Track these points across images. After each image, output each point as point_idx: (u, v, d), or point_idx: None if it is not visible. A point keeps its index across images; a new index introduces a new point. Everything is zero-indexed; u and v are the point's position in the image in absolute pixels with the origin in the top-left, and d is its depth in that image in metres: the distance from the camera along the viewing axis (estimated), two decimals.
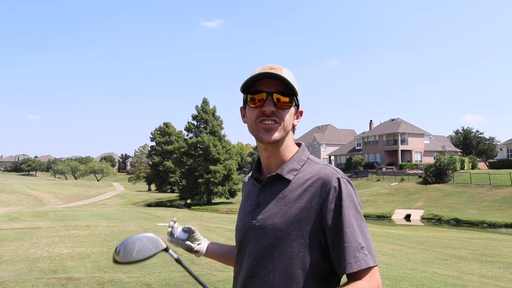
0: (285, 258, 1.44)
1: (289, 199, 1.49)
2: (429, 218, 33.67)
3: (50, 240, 13.12)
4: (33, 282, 7.25)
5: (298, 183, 1.51)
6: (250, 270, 1.50)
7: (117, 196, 65.55)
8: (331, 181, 1.46)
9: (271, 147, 1.56)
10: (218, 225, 21.03)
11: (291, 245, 1.44)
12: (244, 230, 1.57)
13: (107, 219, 23.17)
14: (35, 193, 60.50)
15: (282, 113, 1.52)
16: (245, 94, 1.59)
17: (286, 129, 1.54)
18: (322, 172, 1.50)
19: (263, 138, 1.52)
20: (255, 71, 1.55)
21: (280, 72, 1.50)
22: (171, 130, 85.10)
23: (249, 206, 1.61)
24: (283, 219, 1.46)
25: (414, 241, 15.77)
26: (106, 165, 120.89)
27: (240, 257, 1.59)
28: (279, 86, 1.52)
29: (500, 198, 35.15)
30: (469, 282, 7.91)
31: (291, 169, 1.55)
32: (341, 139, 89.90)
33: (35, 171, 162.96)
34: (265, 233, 1.48)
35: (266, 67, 1.54)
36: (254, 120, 1.53)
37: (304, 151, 1.62)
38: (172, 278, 7.56)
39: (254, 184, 1.67)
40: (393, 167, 64.91)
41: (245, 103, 1.61)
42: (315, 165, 1.55)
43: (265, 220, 1.50)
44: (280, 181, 1.54)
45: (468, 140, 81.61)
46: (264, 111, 1.50)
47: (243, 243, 1.57)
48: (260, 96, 1.52)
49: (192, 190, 53.71)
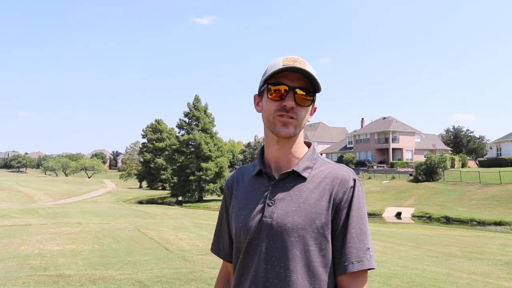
0: (307, 257, 1.40)
1: (307, 196, 1.46)
2: (420, 216, 33.85)
3: (41, 237, 13.05)
4: (24, 279, 7.22)
5: (314, 181, 1.49)
6: (267, 271, 1.43)
7: (108, 193, 65.19)
8: (349, 181, 1.47)
9: (284, 141, 1.52)
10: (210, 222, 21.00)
11: (313, 243, 1.41)
12: (255, 229, 1.48)
13: (98, 216, 23.07)
14: (26, 190, 60.03)
15: (301, 109, 1.48)
16: (264, 84, 1.53)
17: (301, 126, 1.51)
18: (339, 172, 1.49)
19: (279, 132, 1.47)
20: (276, 62, 1.49)
21: (304, 66, 1.45)
22: (162, 127, 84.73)
23: (258, 203, 1.52)
24: (304, 217, 1.42)
25: (405, 238, 15.87)
26: (97, 162, 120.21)
27: (248, 257, 1.49)
28: (302, 81, 1.47)
29: (490, 196, 35.43)
30: (459, 279, 7.99)
31: (306, 167, 1.52)
32: (333, 137, 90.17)
33: (25, 168, 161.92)
34: (284, 232, 1.42)
35: (289, 59, 1.47)
36: (273, 113, 1.48)
37: (315, 150, 1.60)
38: (164, 275, 7.55)
39: (257, 179, 1.59)
40: (384, 165, 65.29)
41: (261, 92, 1.55)
42: (328, 164, 1.55)
43: (282, 219, 1.44)
44: (295, 178, 1.51)
45: (458, 139, 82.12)
46: (284, 105, 1.45)
47: (254, 242, 1.47)
48: (280, 90, 1.47)
49: (183, 187, 53.54)
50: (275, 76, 1.48)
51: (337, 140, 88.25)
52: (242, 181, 1.66)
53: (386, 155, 69.75)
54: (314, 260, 1.40)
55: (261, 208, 1.49)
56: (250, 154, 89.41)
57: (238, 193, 1.63)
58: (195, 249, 11.12)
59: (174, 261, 9.28)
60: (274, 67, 1.47)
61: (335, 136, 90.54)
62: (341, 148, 79.90)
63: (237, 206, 1.59)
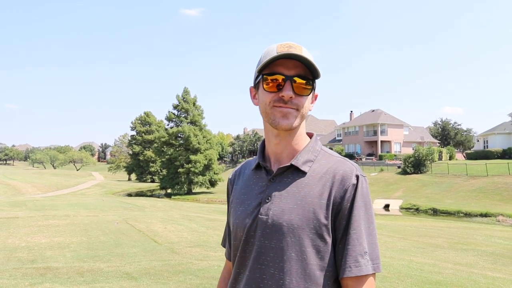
0: (303, 259, 1.29)
1: (306, 193, 1.34)
2: (408, 207, 34.15)
3: (29, 230, 12.98)
4: (10, 272, 7.18)
5: (314, 176, 1.37)
6: (261, 271, 1.34)
7: (97, 186, 64.91)
8: (351, 178, 1.34)
9: (285, 134, 1.40)
10: (199, 214, 21.04)
11: (309, 244, 1.30)
12: (250, 226, 1.38)
13: (86, 208, 22.98)
14: (13, 183, 59.56)
15: (300, 99, 1.35)
16: (259, 74, 1.40)
17: (303, 116, 1.39)
18: (341, 167, 1.37)
19: (279, 124, 1.35)
20: (270, 49, 1.37)
21: (300, 52, 1.32)
22: (151, 119, 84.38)
23: (255, 199, 1.42)
24: (301, 215, 1.31)
25: (393, 230, 16.02)
26: (86, 155, 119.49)
27: (244, 255, 1.40)
28: (299, 69, 1.34)
29: (476, 188, 35.81)
30: (445, 269, 8.09)
31: (306, 160, 1.40)
32: (322, 129, 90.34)
33: (12, 161, 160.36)
34: (279, 230, 1.32)
35: (284, 45, 1.35)
36: (269, 104, 1.36)
37: (317, 141, 1.48)
38: (152, 267, 7.56)
39: (256, 174, 1.49)
40: (372, 158, 65.61)
41: (257, 83, 1.43)
42: (331, 157, 1.43)
43: (278, 216, 1.33)
44: (294, 172, 1.39)
45: (446, 132, 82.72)
46: (282, 96, 1.33)
47: (250, 240, 1.38)
48: (276, 79, 1.35)
49: (172, 180, 53.48)
50: (270, 65, 1.35)
51: (326, 132, 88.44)
52: (243, 175, 1.56)
53: (374, 147, 70.11)
54: (311, 263, 1.29)
55: (258, 205, 1.40)
56: (240, 146, 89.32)
57: (237, 187, 1.55)
58: (183, 241, 11.14)
59: (163, 253, 9.29)
60: (268, 55, 1.35)
61: (324, 129, 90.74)
62: (330, 140, 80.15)
63: (235, 201, 1.51)
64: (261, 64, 1.35)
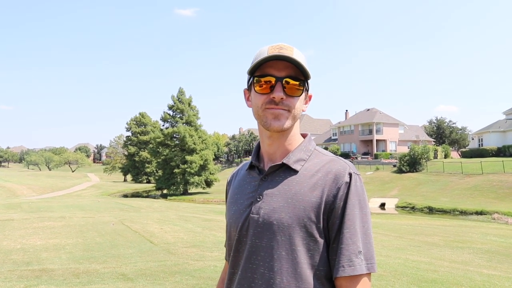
0: (294, 258, 1.28)
1: (296, 191, 1.33)
2: (403, 206, 34.25)
3: (24, 231, 12.93)
4: (6, 274, 7.15)
5: (306, 174, 1.36)
6: (253, 271, 1.33)
7: (93, 187, 64.73)
8: (343, 176, 1.33)
9: (277, 135, 1.40)
10: (195, 215, 21.02)
11: (300, 243, 1.29)
12: (242, 225, 1.38)
13: (82, 210, 22.90)
14: (8, 185, 59.25)
15: (292, 100, 1.35)
16: (250, 77, 1.41)
17: (295, 117, 1.38)
18: (334, 166, 1.36)
19: (271, 126, 1.35)
20: (262, 51, 1.37)
21: (291, 53, 1.33)
22: (147, 120, 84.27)
23: (247, 198, 1.42)
24: (291, 214, 1.30)
25: (389, 228, 16.06)
26: (81, 156, 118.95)
27: (238, 255, 1.40)
28: (290, 69, 1.35)
29: (472, 186, 35.94)
30: (440, 267, 8.11)
31: (298, 159, 1.40)
32: (317, 128, 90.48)
33: (7, 162, 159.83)
34: (270, 229, 1.31)
35: (275, 47, 1.35)
36: (261, 106, 1.36)
37: (311, 141, 1.47)
38: (148, 268, 7.55)
39: (250, 173, 1.49)
40: (368, 157, 65.75)
41: (250, 85, 1.43)
42: (324, 157, 1.42)
43: (269, 215, 1.33)
44: (286, 171, 1.39)
45: (441, 130, 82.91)
46: (273, 98, 1.33)
47: (242, 240, 1.38)
48: (268, 81, 1.35)
49: (168, 181, 53.43)
50: (261, 67, 1.36)
51: (321, 132, 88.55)
52: (239, 176, 1.57)
53: (370, 146, 70.25)
54: (301, 262, 1.28)
55: (250, 204, 1.40)
56: (235, 146, 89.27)
57: (232, 188, 1.55)
58: (179, 242, 11.12)
59: (159, 254, 9.27)
60: (259, 57, 1.35)
61: (319, 128, 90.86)
62: (326, 140, 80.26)
63: (229, 201, 1.52)
64: (252, 66, 1.36)
